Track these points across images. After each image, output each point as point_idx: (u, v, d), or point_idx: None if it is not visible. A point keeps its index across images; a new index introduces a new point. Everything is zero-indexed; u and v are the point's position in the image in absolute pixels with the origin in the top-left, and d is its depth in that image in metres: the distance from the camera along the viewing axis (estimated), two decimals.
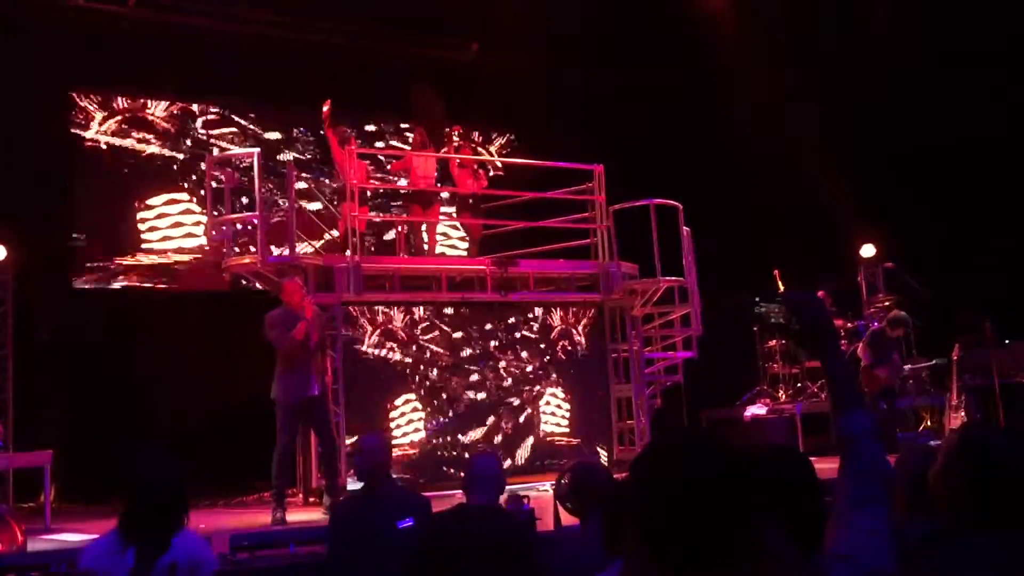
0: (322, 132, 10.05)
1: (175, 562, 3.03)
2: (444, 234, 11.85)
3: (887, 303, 11.94)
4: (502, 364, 9.77)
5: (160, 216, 10.95)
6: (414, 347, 9.33)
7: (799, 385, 11.92)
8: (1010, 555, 1.90)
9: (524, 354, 9.91)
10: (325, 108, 9.45)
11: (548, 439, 9.88)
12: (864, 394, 9.14)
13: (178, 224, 11.04)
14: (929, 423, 11.18)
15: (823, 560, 1.73)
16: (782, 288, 11.10)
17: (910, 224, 11.79)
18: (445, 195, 11.23)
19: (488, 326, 9.75)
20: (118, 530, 3.09)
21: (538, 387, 9.93)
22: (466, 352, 9.60)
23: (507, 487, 4.41)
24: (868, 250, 12.38)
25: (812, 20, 12.18)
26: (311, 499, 8.33)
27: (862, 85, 12.04)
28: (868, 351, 9.61)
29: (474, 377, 9.59)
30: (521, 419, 9.79)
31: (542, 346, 9.99)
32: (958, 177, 11.85)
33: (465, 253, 11.54)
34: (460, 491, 4.25)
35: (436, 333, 9.50)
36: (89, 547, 3.24)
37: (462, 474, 4.17)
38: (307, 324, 7.27)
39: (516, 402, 9.77)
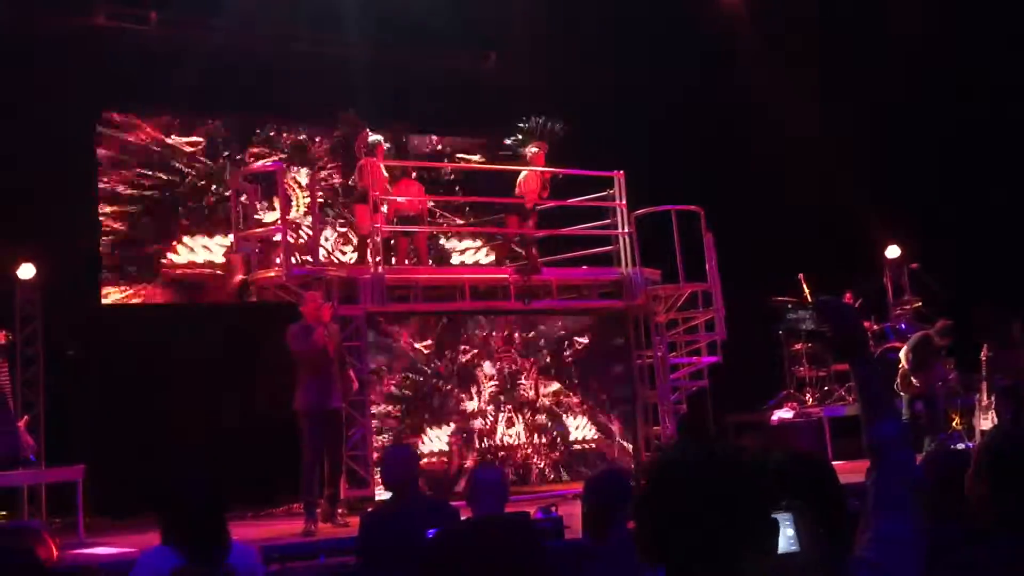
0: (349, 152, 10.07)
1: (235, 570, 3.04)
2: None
3: (914, 305, 11.85)
4: (525, 372, 9.79)
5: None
6: (438, 358, 9.38)
7: (826, 388, 11.85)
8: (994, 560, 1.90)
9: (548, 362, 9.93)
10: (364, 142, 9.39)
11: (576, 447, 9.89)
12: (894, 399, 9.08)
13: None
14: (958, 424, 11.08)
15: (851, 564, 1.73)
16: (807, 292, 11.06)
17: (935, 225, 11.71)
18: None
19: (512, 334, 9.78)
20: (163, 543, 3.10)
21: (565, 395, 9.95)
22: (490, 360, 9.63)
23: (531, 496, 4.42)
24: (893, 251, 12.31)
25: (834, 17, 12.13)
26: (339, 510, 8.36)
27: (885, 84, 11.97)
28: (911, 355, 9.48)
29: (496, 385, 9.62)
30: (549, 427, 9.80)
31: (566, 354, 10.01)
32: (984, 176, 11.77)
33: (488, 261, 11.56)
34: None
35: (460, 342, 9.54)
36: (141, 559, 3.23)
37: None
38: (325, 329, 7.36)
39: (542, 410, 9.79)
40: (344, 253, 11.33)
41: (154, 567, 3.02)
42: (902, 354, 9.63)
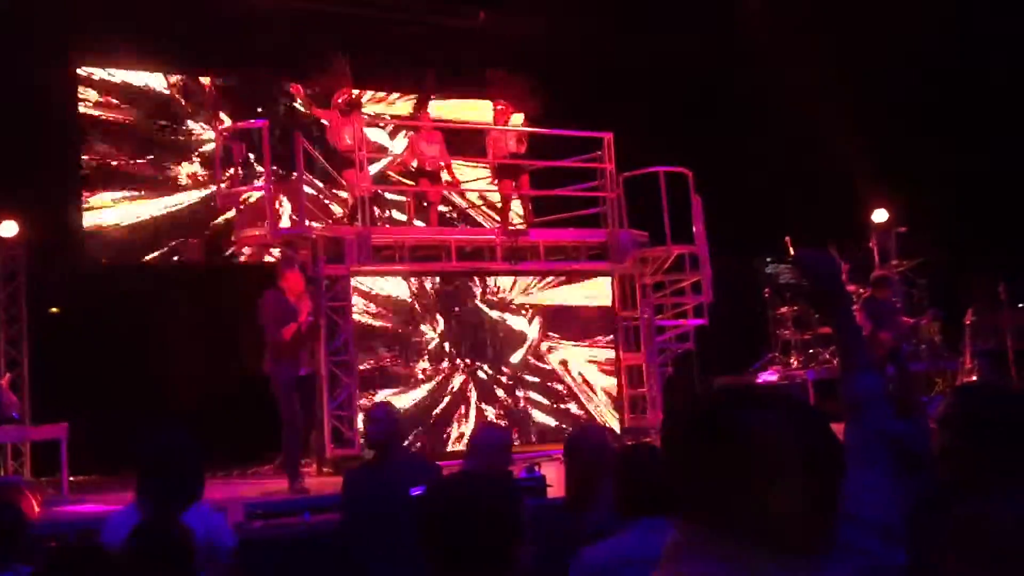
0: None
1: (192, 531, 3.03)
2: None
3: (901, 269, 11.87)
4: (509, 335, 9.79)
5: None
6: (419, 318, 9.37)
7: (811, 351, 11.89)
8: (1008, 515, 1.90)
9: (536, 322, 9.92)
10: (299, 95, 9.51)
11: (558, 407, 9.91)
12: (871, 354, 9.09)
13: None
14: (942, 388, 11.16)
15: None
16: (793, 254, 11.06)
17: (923, 188, 11.69)
18: None
19: (498, 294, 9.77)
20: (135, 501, 3.10)
21: (549, 355, 9.95)
22: (473, 322, 9.63)
23: (521, 456, 4.41)
24: (880, 215, 12.29)
25: None
26: (324, 469, 8.39)
27: (874, 46, 11.89)
28: (865, 318, 9.52)
29: (480, 346, 9.62)
30: (533, 389, 9.82)
31: (552, 315, 10.00)
32: (973, 139, 11.73)
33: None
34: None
35: (442, 302, 9.53)
36: (110, 519, 3.24)
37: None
38: (298, 326, 7.35)
39: (527, 372, 9.81)
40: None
41: (122, 524, 3.02)
42: (858, 321, 9.62)
